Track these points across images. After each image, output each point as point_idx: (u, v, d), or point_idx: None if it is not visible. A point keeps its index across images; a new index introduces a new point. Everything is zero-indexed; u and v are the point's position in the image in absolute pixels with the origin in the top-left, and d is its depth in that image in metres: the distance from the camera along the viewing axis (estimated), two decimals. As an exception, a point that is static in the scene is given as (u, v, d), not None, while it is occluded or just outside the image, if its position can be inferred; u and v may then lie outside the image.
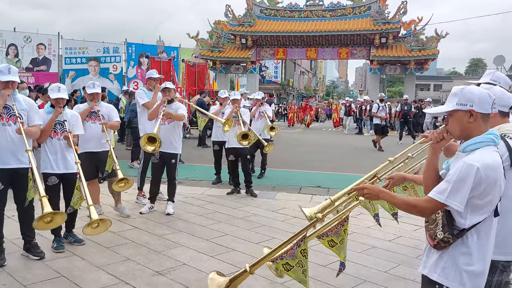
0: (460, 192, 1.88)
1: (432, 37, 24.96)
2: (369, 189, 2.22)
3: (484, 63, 73.38)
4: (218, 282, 2.35)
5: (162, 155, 5.92)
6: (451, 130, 2.07)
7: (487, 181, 1.88)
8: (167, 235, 5.00)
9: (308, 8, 27.66)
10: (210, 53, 27.45)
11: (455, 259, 1.96)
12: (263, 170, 8.97)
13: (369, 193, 2.21)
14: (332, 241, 2.59)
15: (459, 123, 2.01)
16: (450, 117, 2.05)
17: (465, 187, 1.88)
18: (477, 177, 1.86)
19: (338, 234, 2.59)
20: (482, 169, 1.86)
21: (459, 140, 2.11)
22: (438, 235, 1.97)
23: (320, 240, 2.62)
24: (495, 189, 1.91)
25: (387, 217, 5.96)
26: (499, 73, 2.88)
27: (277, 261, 2.40)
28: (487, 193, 1.90)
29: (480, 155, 1.91)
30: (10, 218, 4.71)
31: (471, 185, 1.87)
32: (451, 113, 2.04)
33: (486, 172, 1.87)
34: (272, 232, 5.20)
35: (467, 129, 2.00)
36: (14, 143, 3.97)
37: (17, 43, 20.58)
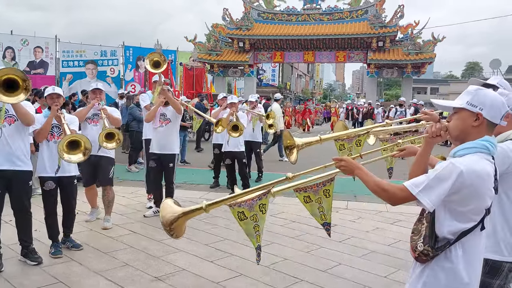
0: (435, 190, 1.77)
1: (429, 40, 25.04)
2: (346, 162, 2.14)
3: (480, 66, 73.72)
4: (173, 209, 2.28)
5: (159, 158, 5.89)
6: (451, 128, 1.94)
7: (469, 189, 1.76)
8: (166, 240, 4.98)
9: (306, 12, 27.70)
10: (208, 57, 27.44)
11: (436, 274, 1.86)
12: (260, 173, 8.96)
13: (345, 165, 2.14)
14: (308, 198, 2.62)
15: (462, 123, 1.89)
16: (455, 115, 1.94)
17: (443, 187, 1.76)
18: (459, 180, 1.75)
19: (316, 193, 2.60)
20: (466, 173, 1.75)
21: (455, 141, 1.99)
22: (418, 247, 1.89)
23: (296, 193, 2.64)
24: (478, 200, 1.80)
25: (386, 221, 5.99)
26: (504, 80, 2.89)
27: (234, 207, 2.37)
28: (468, 201, 1.79)
29: (469, 159, 1.80)
30: (7, 223, 4.68)
31: (449, 187, 1.76)
32: (457, 110, 1.92)
33: (470, 177, 1.75)
34: (271, 237, 5.18)
35: (467, 132, 1.89)
36: (8, 145, 3.92)
37: (14, 46, 20.49)
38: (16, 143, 3.96)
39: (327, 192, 2.61)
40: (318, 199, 2.62)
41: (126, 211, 6.16)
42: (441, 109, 2.11)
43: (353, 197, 7.49)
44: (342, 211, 6.54)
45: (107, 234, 5.12)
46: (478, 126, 1.87)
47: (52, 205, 4.44)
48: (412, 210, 6.65)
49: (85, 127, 5.34)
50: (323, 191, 2.61)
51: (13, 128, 3.97)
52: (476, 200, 1.79)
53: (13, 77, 3.61)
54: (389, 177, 3.47)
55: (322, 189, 2.61)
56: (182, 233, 2.37)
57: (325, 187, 2.60)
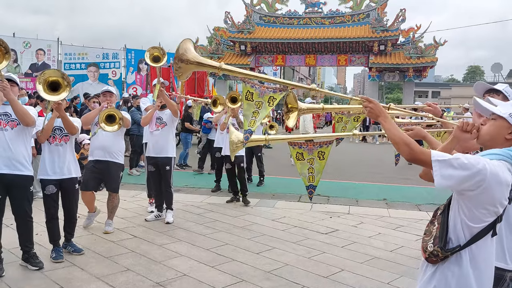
0: (452, 170, 1.74)
1: (430, 44, 25.07)
2: (375, 105, 2.11)
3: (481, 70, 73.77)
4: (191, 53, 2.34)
5: (156, 161, 5.88)
6: (484, 132, 1.95)
7: (486, 190, 1.74)
8: (167, 244, 4.96)
9: (307, 16, 27.75)
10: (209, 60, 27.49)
11: (447, 279, 1.85)
12: (261, 177, 8.94)
13: (373, 108, 2.12)
14: (301, 155, 2.62)
15: (497, 131, 1.90)
16: (491, 121, 1.94)
17: (461, 173, 1.73)
18: (479, 177, 1.73)
19: (311, 152, 2.60)
20: (489, 174, 1.73)
21: (480, 145, 2.00)
22: (428, 247, 1.89)
23: (290, 147, 2.66)
24: (490, 204, 1.78)
25: (389, 226, 5.97)
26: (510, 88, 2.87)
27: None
28: (482, 203, 1.77)
29: (496, 163, 1.79)
30: (9, 226, 4.67)
31: (467, 177, 1.73)
32: (496, 117, 1.92)
33: (491, 179, 1.74)
34: (272, 242, 5.16)
35: (497, 141, 1.90)
36: (10, 149, 3.89)
37: (16, 49, 20.55)
38: (18, 147, 3.95)
39: (322, 154, 2.61)
40: (310, 159, 2.62)
41: (127, 215, 6.14)
42: (480, 109, 2.08)
43: (355, 201, 7.47)
44: (343, 216, 6.51)
45: (108, 238, 5.10)
46: (509, 140, 1.89)
47: (53, 209, 4.42)
48: (415, 215, 6.64)
49: (94, 130, 5.27)
50: (318, 153, 2.62)
51: (15, 132, 3.95)
52: (489, 204, 1.79)
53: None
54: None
55: (317, 150, 2.61)
56: (184, 77, 2.44)
57: (321, 148, 2.61)
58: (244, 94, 2.41)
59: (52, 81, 3.95)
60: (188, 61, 2.28)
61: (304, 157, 2.62)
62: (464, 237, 1.84)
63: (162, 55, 5.37)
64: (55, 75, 3.97)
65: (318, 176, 2.68)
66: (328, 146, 2.61)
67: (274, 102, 2.43)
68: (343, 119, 2.92)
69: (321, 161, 2.63)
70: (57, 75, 3.99)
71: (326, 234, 5.56)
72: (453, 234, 1.86)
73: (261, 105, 2.41)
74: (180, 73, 2.33)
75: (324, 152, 2.61)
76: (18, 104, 3.90)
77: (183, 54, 2.26)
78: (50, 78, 3.95)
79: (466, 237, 1.83)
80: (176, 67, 2.31)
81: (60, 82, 3.96)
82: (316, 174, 2.69)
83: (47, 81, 3.94)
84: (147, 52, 5.43)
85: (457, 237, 1.85)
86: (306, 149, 2.61)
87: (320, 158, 2.63)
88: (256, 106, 2.42)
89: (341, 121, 2.85)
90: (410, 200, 7.63)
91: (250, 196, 7.61)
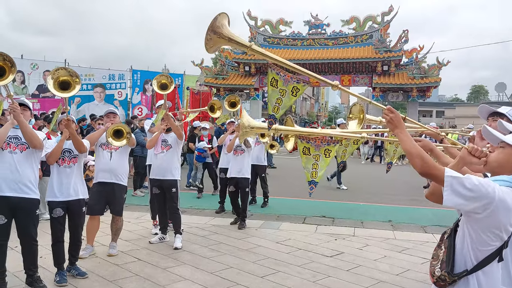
0: (463, 189, 1.76)
1: (433, 65, 25.22)
2: (396, 116, 2.09)
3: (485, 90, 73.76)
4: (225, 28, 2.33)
5: (161, 184, 5.86)
6: (492, 159, 1.99)
7: (493, 214, 1.77)
8: (172, 267, 4.93)
9: (311, 37, 28.07)
10: (214, 81, 27.77)
11: None
12: (265, 198, 8.89)
13: (392, 119, 2.10)
14: (307, 150, 2.65)
15: (506, 159, 1.93)
16: (500, 148, 1.97)
17: (470, 193, 1.76)
18: (487, 200, 1.75)
19: (318, 148, 2.62)
20: (498, 199, 1.76)
21: (488, 171, 2.03)
22: (436, 272, 1.91)
23: (298, 140, 2.68)
24: (497, 229, 1.80)
25: (394, 249, 5.91)
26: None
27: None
28: (488, 227, 1.80)
29: (505, 190, 1.82)
30: (13, 249, 4.67)
31: (476, 197, 1.75)
32: (504, 145, 1.95)
33: (499, 205, 1.76)
34: (277, 265, 5.12)
35: (505, 168, 1.93)
36: (17, 172, 3.94)
37: (24, 70, 20.90)
38: (25, 171, 4.00)
39: (328, 152, 2.64)
40: (316, 155, 2.65)
41: (131, 237, 6.12)
42: (489, 137, 2.10)
43: (360, 223, 7.42)
44: (349, 238, 6.46)
45: (112, 261, 5.09)
46: None
47: (59, 232, 4.43)
48: (420, 237, 6.58)
49: (98, 153, 5.30)
50: (325, 150, 2.65)
51: (24, 155, 4.01)
52: (495, 228, 1.81)
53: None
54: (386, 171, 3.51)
55: (324, 147, 2.64)
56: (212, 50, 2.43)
57: (328, 146, 2.65)
58: (269, 80, 2.48)
59: (62, 81, 4.07)
60: (221, 35, 2.33)
61: (311, 152, 2.67)
62: (471, 262, 1.86)
63: (170, 83, 5.48)
64: (65, 75, 4.07)
65: (321, 173, 2.73)
66: (335, 145, 2.66)
67: (298, 92, 2.48)
68: (342, 142, 2.96)
69: (326, 158, 2.68)
70: (67, 74, 4.09)
71: (331, 257, 5.51)
72: (460, 258, 1.88)
73: (284, 94, 2.46)
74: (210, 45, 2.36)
75: (330, 150, 2.66)
76: (27, 127, 3.97)
77: (219, 27, 2.31)
78: (61, 77, 4.06)
79: (473, 261, 1.85)
80: (208, 38, 2.34)
81: (70, 81, 4.07)
82: (319, 170, 2.73)
83: (58, 80, 4.05)
84: (155, 80, 5.53)
85: (464, 261, 1.87)
86: (313, 145, 2.66)
87: (325, 155, 2.67)
88: (280, 93, 2.47)
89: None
90: (415, 221, 7.57)
91: (255, 218, 7.60)
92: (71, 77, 4.08)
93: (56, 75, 4.05)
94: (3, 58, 3.68)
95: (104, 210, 5.41)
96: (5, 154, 3.94)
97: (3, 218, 3.91)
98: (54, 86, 4.02)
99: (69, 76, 4.08)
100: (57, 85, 4.03)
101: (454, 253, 1.89)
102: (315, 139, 2.68)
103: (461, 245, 1.89)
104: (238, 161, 7.20)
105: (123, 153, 5.33)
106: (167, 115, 5.63)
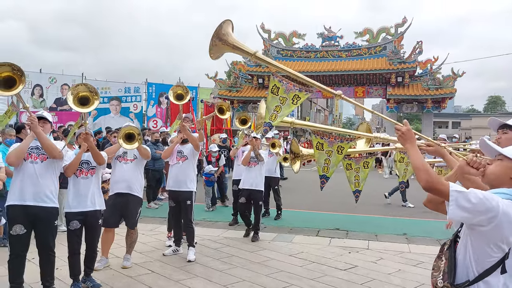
0: (468, 204, 1.79)
1: (448, 76, 25.01)
2: (409, 132, 2.19)
3: (502, 100, 72.74)
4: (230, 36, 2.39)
5: (176, 196, 5.90)
6: (490, 171, 2.01)
7: (497, 228, 1.79)
8: (184, 280, 4.96)
9: (324, 49, 28.16)
10: (228, 93, 28.00)
11: None
12: (279, 211, 8.88)
13: (405, 134, 2.19)
14: (321, 145, 2.79)
15: (503, 171, 1.96)
16: (498, 161, 2.00)
17: (475, 208, 1.78)
18: (492, 214, 1.78)
19: (331, 144, 2.75)
20: (501, 213, 1.78)
21: (486, 183, 2.05)
22: (438, 283, 1.93)
23: (313, 135, 2.85)
24: (500, 241, 1.82)
25: (408, 262, 5.84)
26: None
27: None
28: (492, 239, 1.82)
29: (507, 203, 1.84)
30: (30, 261, 4.75)
31: (481, 212, 1.78)
32: (502, 158, 1.98)
33: (502, 218, 1.78)
34: (290, 279, 5.11)
35: (502, 181, 1.95)
36: (38, 182, 4.05)
37: (42, 84, 21.38)
38: (46, 181, 4.11)
39: (341, 149, 2.80)
40: (329, 151, 2.78)
41: (145, 249, 6.18)
42: (486, 150, 2.14)
43: (374, 236, 7.35)
44: (362, 252, 6.41)
45: (126, 273, 5.14)
46: None
47: (76, 244, 4.51)
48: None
49: (115, 165, 5.39)
50: (338, 147, 2.80)
51: (45, 165, 4.12)
52: (498, 241, 1.84)
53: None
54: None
55: (337, 144, 2.79)
56: (216, 57, 2.48)
57: (342, 143, 2.84)
58: (270, 87, 2.54)
59: (82, 96, 4.21)
60: (226, 42, 2.39)
61: (324, 148, 2.77)
62: (473, 273, 1.88)
63: (186, 93, 5.57)
64: (85, 91, 4.21)
65: (333, 169, 2.81)
66: (348, 142, 2.75)
67: (298, 101, 2.55)
68: (352, 166, 3.00)
69: (339, 155, 2.76)
70: (87, 90, 4.23)
71: (344, 271, 5.47)
72: (462, 268, 1.91)
73: (284, 101, 2.53)
74: (214, 51, 2.42)
75: (343, 147, 2.76)
76: (45, 138, 4.08)
77: (224, 35, 2.38)
78: (81, 93, 4.19)
79: (474, 273, 1.88)
80: (212, 44, 2.40)
81: (89, 96, 4.20)
82: (331, 166, 2.82)
83: (78, 95, 4.18)
84: (171, 90, 5.62)
85: (466, 272, 1.89)
86: (327, 141, 2.75)
87: (338, 152, 2.76)
88: (280, 101, 2.53)
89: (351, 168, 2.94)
90: (430, 234, 7.47)
91: (268, 230, 7.59)
92: (90, 93, 4.21)
93: (76, 90, 4.19)
94: (11, 68, 3.77)
95: (119, 223, 5.47)
96: (26, 165, 4.06)
97: (22, 228, 3.99)
98: (73, 101, 4.14)
99: (89, 92, 4.21)
100: (77, 101, 4.16)
101: (455, 264, 1.92)
102: (329, 135, 2.77)
103: (463, 256, 1.91)
104: (251, 173, 7.22)
105: (138, 165, 5.41)
106: (183, 126, 5.70)
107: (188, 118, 6.42)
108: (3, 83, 3.74)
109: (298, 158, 3.17)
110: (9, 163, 4.14)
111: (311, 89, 2.58)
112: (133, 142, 4.96)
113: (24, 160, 4.06)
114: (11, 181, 4.17)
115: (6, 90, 3.77)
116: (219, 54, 2.48)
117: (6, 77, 3.74)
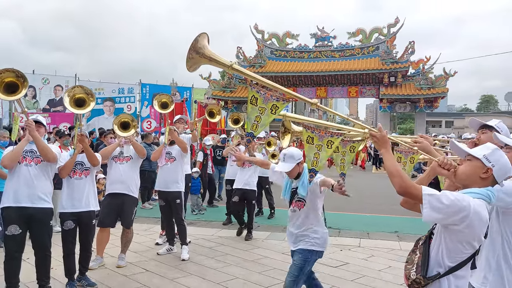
0: (440, 206, 1.89)
1: (440, 75, 25.26)
2: (384, 137, 2.27)
3: (495, 99, 73.28)
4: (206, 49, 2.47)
5: (166, 196, 5.97)
6: (460, 172, 2.10)
7: (469, 226, 1.89)
8: (179, 278, 5.03)
9: (317, 49, 28.33)
10: (222, 93, 28.09)
11: None
12: (272, 210, 8.96)
13: (379, 138, 2.26)
14: (311, 139, 2.78)
15: (473, 170, 2.05)
16: (468, 161, 2.09)
17: (448, 209, 1.88)
18: (463, 214, 1.88)
19: (321, 139, 2.75)
20: (473, 212, 1.88)
21: (458, 183, 2.15)
22: (411, 276, 2.04)
23: (304, 129, 2.83)
24: (471, 238, 1.93)
25: (399, 259, 5.94)
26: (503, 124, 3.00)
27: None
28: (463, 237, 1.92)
29: (478, 202, 1.93)
30: (25, 261, 4.79)
31: (453, 213, 1.88)
32: (472, 158, 2.07)
33: (473, 217, 1.88)
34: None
35: (472, 180, 2.05)
36: (33, 184, 4.11)
37: (35, 85, 21.36)
38: (40, 183, 4.16)
39: (331, 144, 2.84)
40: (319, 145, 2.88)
41: (140, 249, 6.24)
42: (456, 151, 2.24)
43: (366, 234, 7.46)
44: (354, 249, 6.51)
45: (121, 272, 5.20)
46: (484, 179, 2.04)
47: (71, 244, 4.57)
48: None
49: (111, 165, 5.44)
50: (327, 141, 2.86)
51: (39, 168, 4.18)
52: (470, 239, 1.95)
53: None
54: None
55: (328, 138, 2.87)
56: (193, 69, 2.56)
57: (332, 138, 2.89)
58: (249, 98, 2.60)
59: (78, 98, 4.29)
60: (203, 55, 2.46)
61: (314, 142, 2.80)
62: (443, 267, 1.99)
63: (170, 102, 5.66)
64: (81, 93, 4.30)
65: (321, 163, 2.86)
66: (338, 137, 2.79)
67: (277, 110, 2.60)
68: (339, 150, 3.06)
69: (328, 149, 2.80)
70: (83, 92, 4.31)
71: (336, 268, 5.57)
72: (434, 263, 2.02)
73: (263, 111, 2.58)
74: (191, 63, 2.50)
75: (333, 142, 2.79)
76: (41, 141, 4.15)
77: (201, 48, 2.45)
78: (77, 95, 4.27)
79: (445, 267, 1.99)
80: (189, 57, 2.47)
81: (85, 98, 4.28)
82: (320, 160, 2.84)
83: (74, 97, 4.26)
84: (155, 100, 5.71)
85: (438, 266, 2.01)
86: (317, 135, 2.78)
87: (328, 146, 2.79)
88: (259, 111, 2.59)
89: (338, 151, 3.01)
90: (421, 232, 7.39)
91: (261, 229, 7.67)
92: (87, 95, 4.29)
93: (72, 92, 4.27)
94: (15, 75, 3.86)
95: (115, 223, 5.52)
96: (21, 167, 4.12)
97: (17, 229, 4.05)
98: (70, 103, 4.22)
99: (85, 94, 4.29)
100: (73, 102, 4.24)
101: (429, 258, 2.03)
102: (319, 130, 2.82)
103: (435, 252, 2.03)
104: (245, 174, 7.31)
105: (133, 165, 5.47)
106: (171, 130, 5.78)
107: (182, 119, 6.49)
108: (6, 87, 3.82)
109: (288, 133, 3.23)
110: (4, 166, 4.20)
111: (290, 98, 2.65)
112: (129, 130, 5.04)
113: (18, 163, 4.12)
114: (5, 183, 4.22)
115: (9, 95, 3.86)
116: (196, 66, 2.56)
117: (9, 82, 3.83)
